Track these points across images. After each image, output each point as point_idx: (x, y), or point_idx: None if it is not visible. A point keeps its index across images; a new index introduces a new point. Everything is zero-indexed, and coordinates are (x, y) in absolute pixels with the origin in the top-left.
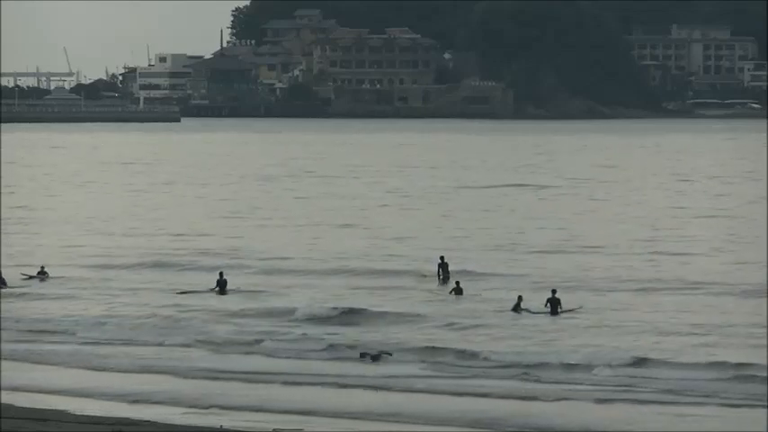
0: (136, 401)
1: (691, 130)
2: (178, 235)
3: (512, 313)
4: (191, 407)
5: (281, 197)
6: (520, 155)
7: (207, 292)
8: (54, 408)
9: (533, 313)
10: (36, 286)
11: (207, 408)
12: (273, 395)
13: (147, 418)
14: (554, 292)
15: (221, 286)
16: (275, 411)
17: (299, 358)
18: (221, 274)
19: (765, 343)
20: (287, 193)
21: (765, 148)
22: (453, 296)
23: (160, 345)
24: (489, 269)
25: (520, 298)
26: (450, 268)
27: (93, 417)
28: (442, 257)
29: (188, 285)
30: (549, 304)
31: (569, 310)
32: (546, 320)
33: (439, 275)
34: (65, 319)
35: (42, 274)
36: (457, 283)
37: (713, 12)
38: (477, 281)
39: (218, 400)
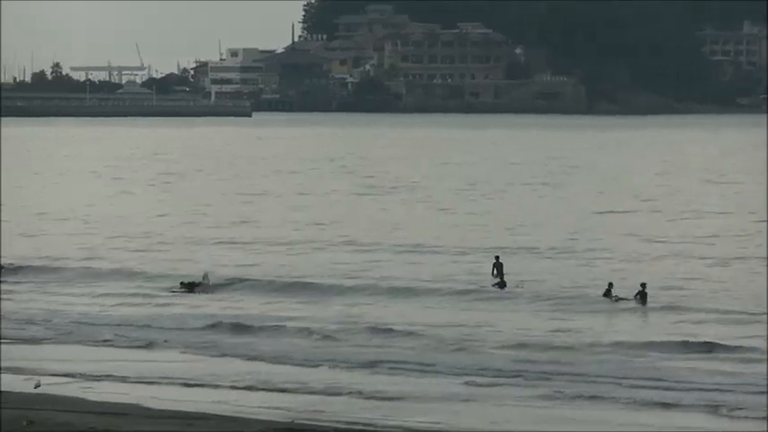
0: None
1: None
2: None
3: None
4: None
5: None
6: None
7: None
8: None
9: (620, 300)
10: None
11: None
12: None
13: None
14: (643, 285)
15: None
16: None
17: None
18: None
19: None
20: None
21: None
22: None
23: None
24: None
25: (610, 285)
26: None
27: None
28: (497, 257)
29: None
30: (638, 295)
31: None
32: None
33: (493, 274)
34: None
35: None
36: (501, 277)
37: None
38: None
39: None
